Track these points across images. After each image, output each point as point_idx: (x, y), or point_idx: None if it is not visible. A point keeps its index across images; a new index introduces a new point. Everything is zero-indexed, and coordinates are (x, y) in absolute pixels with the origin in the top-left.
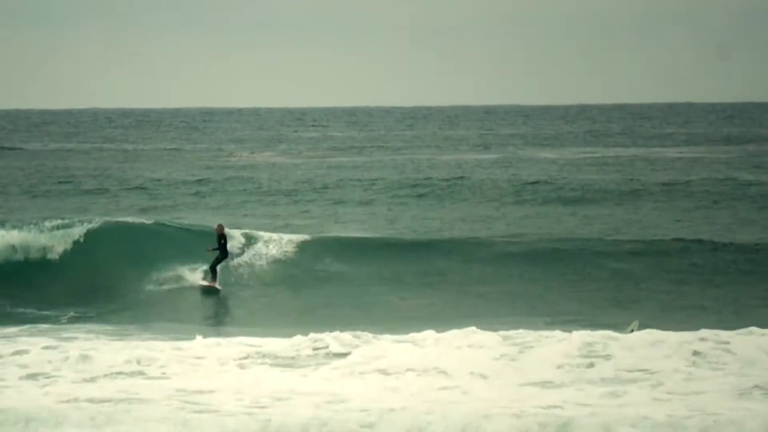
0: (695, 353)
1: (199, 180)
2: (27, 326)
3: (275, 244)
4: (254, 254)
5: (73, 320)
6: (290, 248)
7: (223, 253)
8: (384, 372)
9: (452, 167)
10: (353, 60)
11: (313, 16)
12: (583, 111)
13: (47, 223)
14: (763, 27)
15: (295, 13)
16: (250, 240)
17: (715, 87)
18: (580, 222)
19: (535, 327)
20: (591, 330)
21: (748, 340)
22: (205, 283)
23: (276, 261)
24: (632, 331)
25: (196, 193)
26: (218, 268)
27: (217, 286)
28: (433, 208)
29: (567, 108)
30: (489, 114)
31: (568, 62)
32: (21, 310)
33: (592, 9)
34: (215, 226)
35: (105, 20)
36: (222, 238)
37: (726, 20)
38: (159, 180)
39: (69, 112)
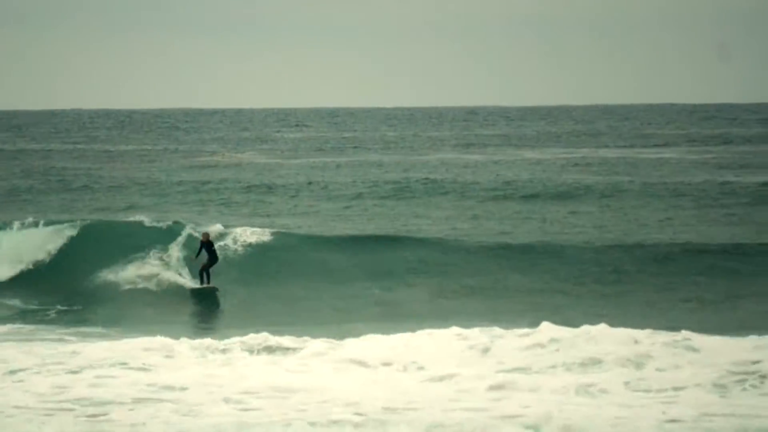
0: (666, 348)
1: (181, 180)
2: (9, 325)
3: (257, 239)
4: (237, 251)
5: (55, 320)
6: (273, 244)
7: (212, 258)
8: (364, 365)
9: (436, 167)
10: (333, 61)
11: (295, 16)
12: (565, 112)
13: (26, 221)
14: (746, 30)
15: (277, 14)
16: (231, 236)
17: (695, 88)
18: (562, 220)
19: (513, 323)
20: (569, 327)
21: (713, 339)
22: (199, 285)
23: (259, 257)
24: None
25: (179, 193)
26: (210, 270)
27: (212, 285)
28: (417, 206)
29: (550, 109)
30: (472, 115)
31: (550, 63)
32: (4, 305)
33: (576, 10)
34: (201, 235)
35: (85, 21)
36: (210, 245)
37: (710, 22)
38: (142, 179)
39: (53, 113)
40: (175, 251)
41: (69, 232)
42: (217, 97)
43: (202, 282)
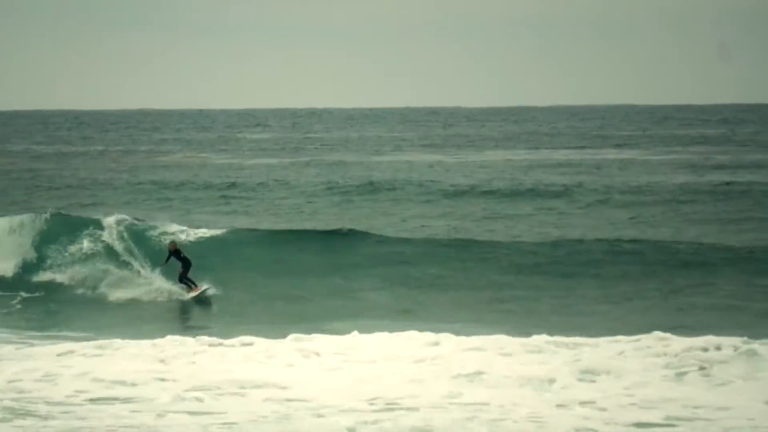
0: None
1: (140, 182)
2: None
3: (215, 237)
4: (196, 249)
5: (7, 317)
6: (232, 241)
7: (185, 265)
8: (319, 361)
9: (396, 167)
10: (333, 61)
11: (295, 17)
12: (523, 112)
13: None
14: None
15: (277, 14)
16: (187, 234)
17: (695, 88)
18: (518, 221)
19: (475, 320)
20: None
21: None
22: (194, 293)
23: (218, 254)
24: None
25: (141, 192)
26: (189, 275)
27: (203, 287)
28: (375, 205)
29: (509, 109)
30: (433, 115)
31: (550, 63)
32: None
33: (576, 10)
34: (169, 244)
35: (41, 19)
36: (178, 253)
37: (710, 22)
38: (102, 179)
39: (17, 113)
40: (127, 248)
41: (23, 226)
42: (217, 97)
43: (189, 288)
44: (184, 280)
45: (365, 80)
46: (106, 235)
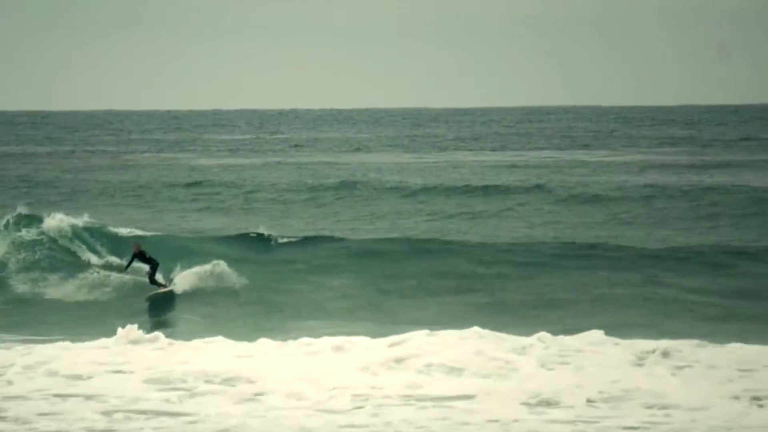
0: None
1: (107, 181)
2: None
3: (179, 238)
4: (164, 251)
5: None
6: (190, 242)
7: (153, 266)
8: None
9: (364, 169)
10: (333, 61)
11: (295, 17)
12: (486, 113)
13: None
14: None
15: (276, 15)
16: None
17: (695, 88)
18: (487, 219)
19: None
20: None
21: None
22: (161, 290)
23: (181, 256)
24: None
25: (108, 189)
26: (158, 276)
27: (170, 286)
28: (346, 203)
29: (476, 110)
30: (408, 117)
31: (550, 63)
32: None
33: (576, 10)
34: (133, 246)
35: (84, 21)
36: (143, 254)
37: (710, 22)
38: (69, 178)
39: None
40: (89, 245)
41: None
42: (216, 97)
43: (160, 287)
44: (154, 280)
45: (365, 80)
46: (61, 233)
